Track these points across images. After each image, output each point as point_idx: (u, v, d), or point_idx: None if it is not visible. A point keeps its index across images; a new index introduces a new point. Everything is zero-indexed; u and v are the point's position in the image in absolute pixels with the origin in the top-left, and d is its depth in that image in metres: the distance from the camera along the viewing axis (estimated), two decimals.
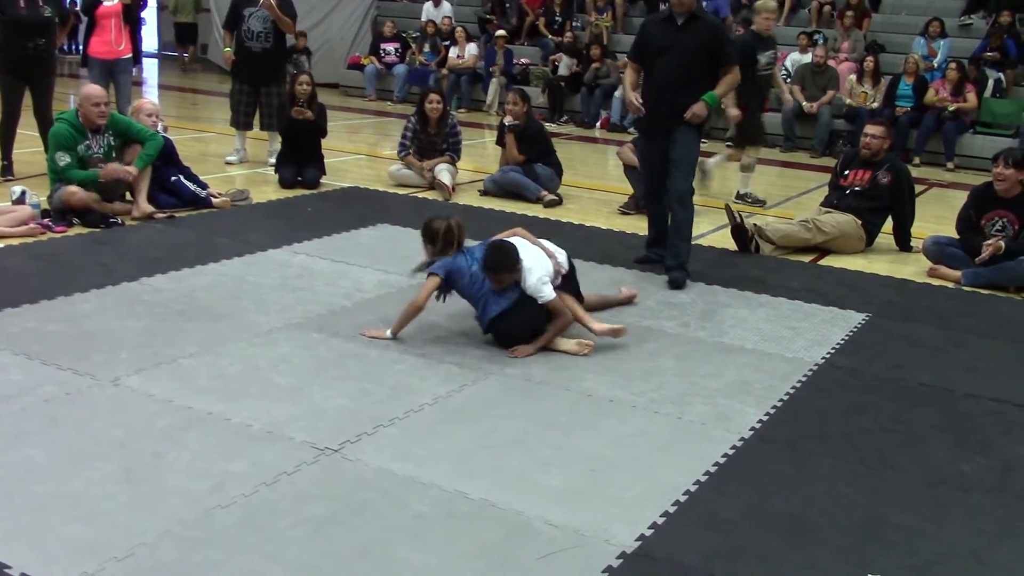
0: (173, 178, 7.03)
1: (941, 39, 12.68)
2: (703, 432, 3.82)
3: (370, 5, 16.70)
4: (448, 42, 14.88)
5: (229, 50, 8.94)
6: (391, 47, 15.31)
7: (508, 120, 8.28)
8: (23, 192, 6.52)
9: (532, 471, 3.39)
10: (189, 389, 3.90)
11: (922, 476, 3.56)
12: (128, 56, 8.85)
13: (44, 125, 7.50)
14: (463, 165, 8.84)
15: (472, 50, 14.64)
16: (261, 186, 8.07)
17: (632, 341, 4.79)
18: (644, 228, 6.44)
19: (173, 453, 3.37)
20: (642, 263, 6.19)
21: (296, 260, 5.92)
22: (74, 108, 6.62)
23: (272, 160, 8.69)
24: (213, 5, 17.05)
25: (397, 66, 15.09)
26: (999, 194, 6.37)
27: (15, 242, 5.92)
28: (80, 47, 14.99)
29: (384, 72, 15.21)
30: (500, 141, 8.48)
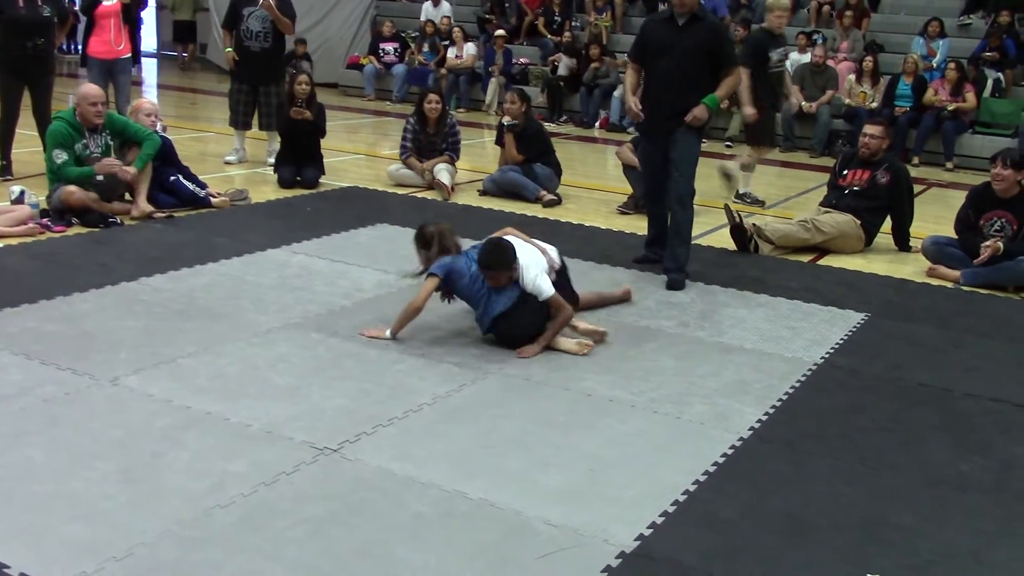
0: (172, 178, 7.02)
1: (940, 39, 12.68)
2: (702, 432, 3.82)
3: (369, 5, 16.68)
4: (447, 42, 14.88)
5: (231, 51, 8.93)
6: (390, 47, 15.31)
7: (506, 120, 8.28)
8: (22, 192, 6.52)
9: (531, 471, 3.39)
10: (188, 389, 3.90)
11: (921, 476, 3.56)
12: (127, 56, 8.85)
13: (43, 125, 7.48)
14: (462, 165, 8.84)
15: (470, 50, 14.63)
16: (260, 186, 8.06)
17: (631, 341, 4.80)
18: (643, 228, 6.44)
19: (172, 453, 3.37)
20: (641, 263, 6.19)
21: (295, 260, 5.92)
22: (71, 107, 6.62)
23: (271, 160, 8.69)
24: (212, 4, 17.04)
25: (396, 66, 15.08)
26: (997, 194, 6.38)
27: (14, 242, 5.92)
28: (79, 47, 14.97)
29: (383, 72, 15.20)
30: (499, 141, 8.48)
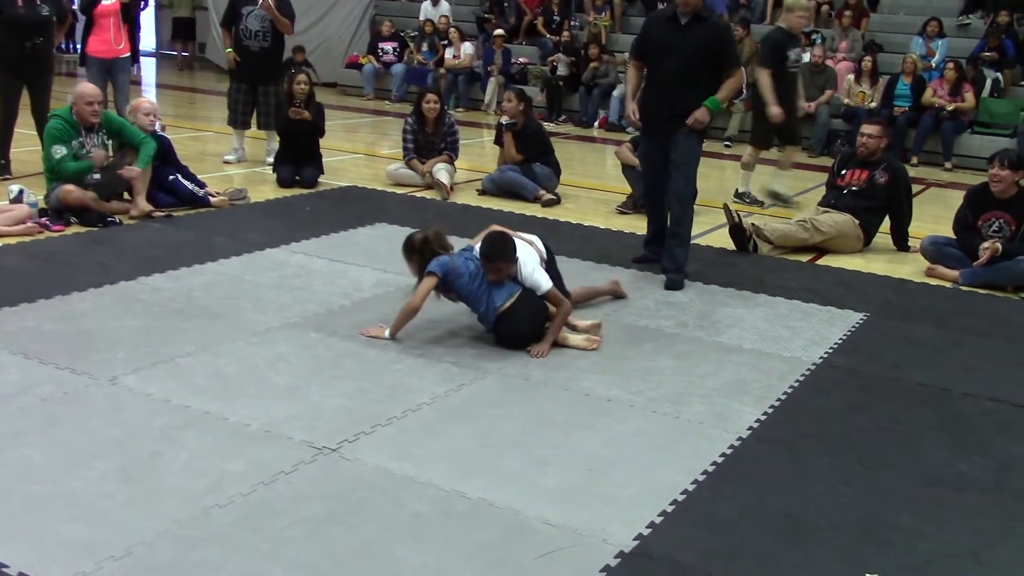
0: (171, 177, 7.02)
1: (939, 39, 12.68)
2: (701, 432, 3.82)
3: (368, 4, 16.66)
4: (446, 41, 14.87)
5: (231, 51, 8.92)
6: (389, 46, 15.30)
7: (505, 119, 8.28)
8: (21, 191, 6.52)
9: (530, 471, 3.39)
10: (187, 388, 3.90)
11: (920, 476, 3.56)
12: (127, 55, 8.85)
13: (42, 124, 7.47)
14: (461, 164, 8.83)
15: (468, 49, 14.62)
16: (259, 185, 8.06)
17: (630, 341, 4.80)
18: (642, 228, 6.44)
19: (171, 452, 3.37)
20: (640, 262, 6.19)
21: (294, 259, 5.91)
22: (68, 105, 6.60)
23: (270, 159, 8.68)
24: (211, 3, 17.03)
25: (395, 65, 15.07)
26: (995, 195, 6.38)
27: (13, 241, 5.92)
28: (78, 46, 14.96)
29: (382, 71, 15.20)
30: (498, 140, 8.47)
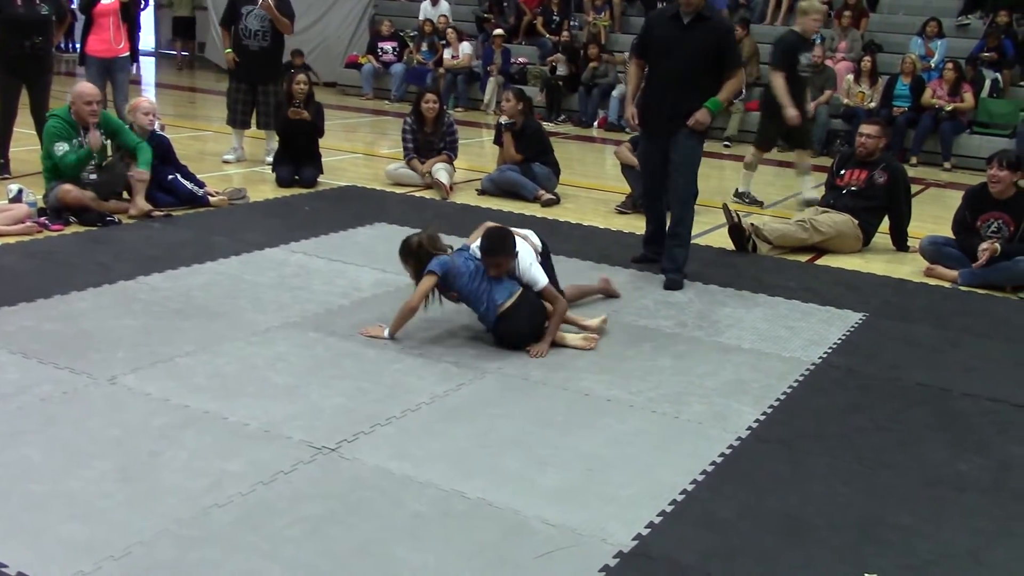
0: (170, 176, 7.02)
1: (938, 39, 12.68)
2: (700, 431, 3.82)
3: (368, 4, 16.65)
4: (444, 41, 14.87)
5: (230, 52, 8.91)
6: (389, 46, 15.30)
7: (504, 119, 8.28)
8: (20, 190, 6.51)
9: (529, 470, 3.39)
10: (186, 388, 3.90)
11: (919, 476, 3.56)
12: (126, 55, 8.85)
13: (41, 123, 7.46)
14: (460, 164, 8.83)
15: (466, 49, 14.61)
16: (258, 185, 8.06)
17: (629, 340, 4.80)
18: (642, 227, 6.44)
19: (170, 452, 3.37)
20: (639, 262, 6.19)
21: (293, 259, 5.91)
22: (67, 105, 6.60)
23: (269, 159, 8.68)
24: (210, 3, 17.02)
25: (395, 65, 15.07)
26: (994, 196, 6.38)
27: (12, 240, 5.91)
28: (77, 45, 14.96)
29: (381, 71, 15.19)
30: (498, 140, 8.47)
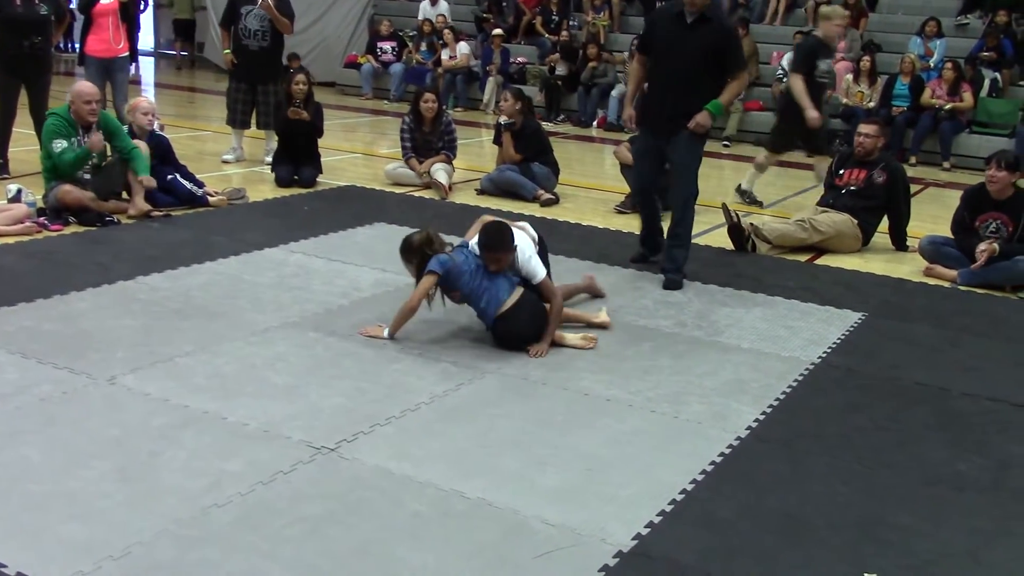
0: (169, 176, 7.01)
1: (937, 39, 12.69)
2: (699, 431, 3.82)
3: (367, 3, 16.64)
4: (443, 41, 14.87)
5: (229, 52, 8.91)
6: (388, 46, 15.30)
7: (503, 119, 8.29)
8: (19, 190, 6.51)
9: (529, 470, 3.39)
10: (185, 388, 3.90)
11: (918, 475, 3.56)
12: (125, 54, 8.84)
13: (40, 123, 7.45)
14: (460, 164, 8.83)
15: (464, 49, 14.61)
16: (258, 185, 8.06)
17: (629, 340, 4.80)
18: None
19: (169, 452, 3.37)
20: (638, 262, 6.19)
21: (292, 259, 5.91)
22: (66, 104, 6.59)
23: (268, 159, 8.68)
24: (210, 3, 17.01)
25: (394, 65, 15.07)
26: (992, 196, 6.38)
27: (11, 240, 5.91)
28: (76, 45, 14.96)
29: (381, 71, 15.20)
30: (497, 140, 8.48)
